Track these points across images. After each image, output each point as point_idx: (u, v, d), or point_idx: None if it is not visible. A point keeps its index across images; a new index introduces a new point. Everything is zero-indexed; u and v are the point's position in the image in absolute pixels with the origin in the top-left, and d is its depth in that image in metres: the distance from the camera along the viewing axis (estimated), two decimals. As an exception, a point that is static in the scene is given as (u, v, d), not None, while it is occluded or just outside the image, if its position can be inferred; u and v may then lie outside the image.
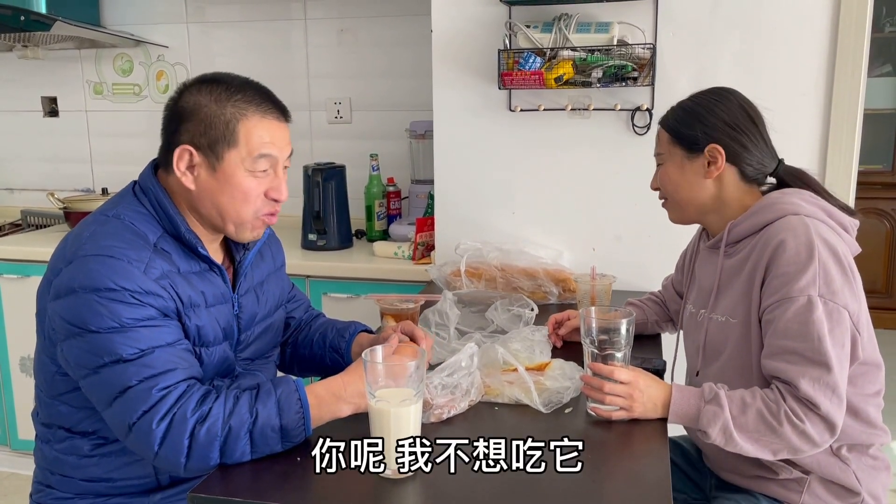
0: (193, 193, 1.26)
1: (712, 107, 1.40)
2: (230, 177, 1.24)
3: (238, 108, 1.24)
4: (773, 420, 1.24)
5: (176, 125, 1.25)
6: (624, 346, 1.32)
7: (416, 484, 1.08)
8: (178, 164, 1.24)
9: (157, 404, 1.11)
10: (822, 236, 1.30)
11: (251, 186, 1.26)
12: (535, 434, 1.17)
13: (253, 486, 1.08)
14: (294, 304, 1.62)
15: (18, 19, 2.63)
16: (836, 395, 1.23)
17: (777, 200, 1.37)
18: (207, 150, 1.23)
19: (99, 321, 1.13)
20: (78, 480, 1.31)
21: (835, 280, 1.27)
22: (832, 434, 1.25)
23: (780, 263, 1.29)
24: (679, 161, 1.43)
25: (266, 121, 1.26)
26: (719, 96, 1.42)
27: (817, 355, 1.24)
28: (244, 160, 1.24)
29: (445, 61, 2.25)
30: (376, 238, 2.68)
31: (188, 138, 1.23)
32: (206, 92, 1.24)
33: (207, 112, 1.23)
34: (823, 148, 2.06)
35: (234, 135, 1.23)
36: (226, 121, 1.23)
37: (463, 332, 1.68)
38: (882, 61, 4.38)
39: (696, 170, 1.41)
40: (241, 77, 1.29)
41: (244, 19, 3.00)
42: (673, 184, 1.45)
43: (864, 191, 2.88)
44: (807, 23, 2.02)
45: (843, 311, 1.27)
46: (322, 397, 1.19)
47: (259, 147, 1.25)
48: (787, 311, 1.27)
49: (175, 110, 1.26)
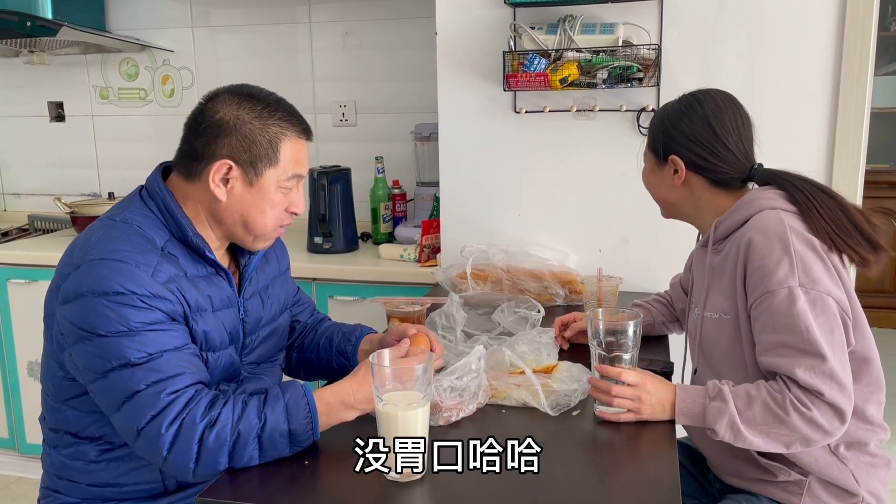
0: (221, 204, 1.27)
1: (676, 120, 1.44)
2: (265, 193, 1.27)
3: (280, 127, 1.27)
4: (780, 410, 1.23)
5: (212, 137, 1.25)
6: (631, 348, 1.32)
7: (424, 487, 1.08)
8: (214, 177, 1.25)
9: (166, 409, 1.11)
10: (795, 228, 1.30)
11: (279, 202, 1.29)
12: (543, 437, 1.17)
13: (261, 489, 1.08)
14: (299, 307, 1.62)
15: (25, 25, 2.64)
16: (836, 381, 1.23)
17: (754, 196, 1.39)
18: (248, 166, 1.25)
19: (107, 325, 1.14)
20: (85, 485, 1.31)
21: (813, 268, 1.27)
22: (841, 421, 1.24)
23: (755, 258, 1.30)
24: (652, 166, 1.51)
25: (301, 141, 1.30)
26: (688, 107, 1.44)
27: (807, 345, 1.24)
28: (279, 178, 1.28)
29: (450, 63, 2.25)
30: (382, 241, 2.68)
31: (228, 153, 1.24)
32: (246, 108, 1.26)
33: (251, 129, 1.25)
34: (830, 147, 2.05)
35: (277, 154, 1.26)
36: (269, 140, 1.26)
37: (469, 335, 1.68)
38: (889, 60, 4.37)
39: (666, 175, 1.47)
40: (272, 93, 1.31)
41: (249, 23, 3.01)
42: (650, 185, 1.54)
43: (871, 190, 2.87)
44: (812, 22, 2.01)
45: (828, 298, 1.26)
46: (331, 405, 1.19)
47: (293, 167, 1.29)
48: (770, 306, 1.27)
49: (212, 122, 1.25)
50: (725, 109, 1.42)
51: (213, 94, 1.29)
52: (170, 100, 3.16)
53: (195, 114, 1.29)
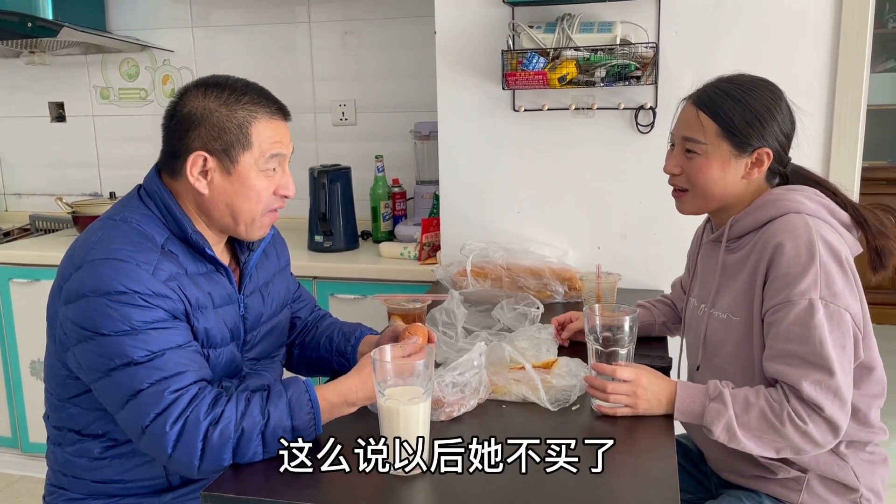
0: (206, 197, 1.27)
1: (771, 107, 1.35)
2: (245, 178, 1.26)
3: (248, 110, 1.26)
4: (776, 420, 1.24)
5: (184, 132, 1.25)
6: (627, 343, 1.32)
7: (426, 482, 1.09)
8: (192, 170, 1.25)
9: (170, 407, 1.12)
10: (824, 237, 1.28)
11: (263, 186, 1.28)
12: (542, 432, 1.18)
13: (265, 484, 1.09)
14: (300, 304, 1.63)
15: (25, 25, 2.65)
16: (838, 398, 1.23)
17: (780, 197, 1.35)
18: (222, 154, 1.25)
19: (110, 324, 1.14)
20: (89, 482, 1.32)
21: (836, 282, 1.26)
22: (835, 436, 1.24)
23: (781, 265, 1.28)
24: (725, 156, 1.36)
25: (274, 121, 1.29)
26: (774, 95, 1.37)
27: (818, 359, 1.23)
28: (257, 161, 1.27)
29: (449, 62, 2.26)
30: (382, 239, 2.69)
31: (201, 144, 1.24)
32: (212, 97, 1.26)
33: (218, 117, 1.24)
34: (827, 144, 2.06)
35: (248, 137, 1.25)
36: (238, 124, 1.25)
37: (470, 331, 1.69)
38: (885, 57, 4.37)
39: (738, 168, 1.37)
40: (240, 79, 1.31)
41: (248, 23, 3.02)
42: (710, 179, 1.38)
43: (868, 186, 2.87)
44: (809, 19, 2.02)
45: (845, 314, 1.26)
46: (334, 403, 1.20)
47: (270, 147, 1.27)
48: (788, 315, 1.26)
49: (181, 117, 1.26)
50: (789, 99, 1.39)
51: (183, 90, 1.30)
52: (170, 100, 3.16)
53: (168, 111, 1.29)
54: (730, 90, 1.37)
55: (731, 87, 1.37)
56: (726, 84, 1.38)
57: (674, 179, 1.45)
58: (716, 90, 1.38)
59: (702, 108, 1.37)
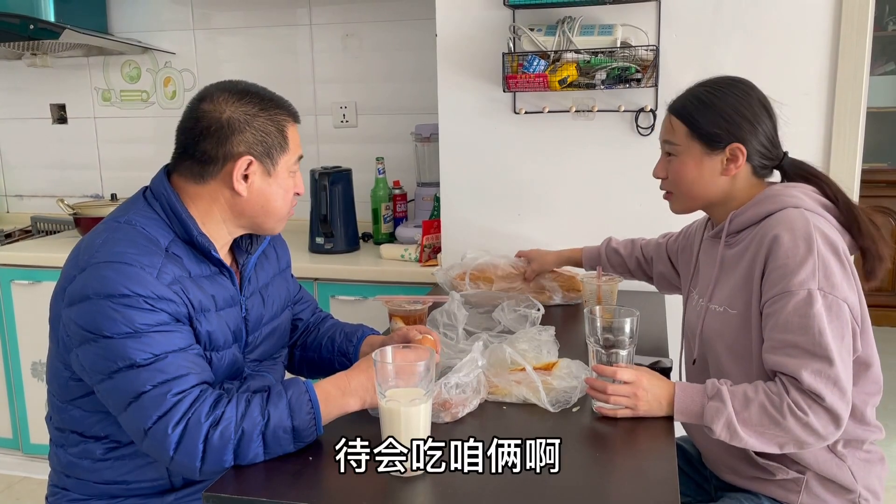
0: (243, 199, 1.30)
1: (736, 104, 1.38)
2: (281, 179, 1.33)
3: (282, 115, 1.33)
4: (777, 413, 1.24)
5: (225, 138, 1.27)
6: (628, 345, 1.33)
7: (427, 483, 1.09)
8: (237, 174, 1.28)
9: (172, 409, 1.13)
10: (821, 229, 1.30)
11: (290, 185, 1.36)
12: (543, 433, 1.18)
13: (267, 485, 1.09)
14: (301, 305, 1.64)
15: (27, 27, 2.66)
16: (838, 387, 1.23)
17: (779, 192, 1.37)
18: (265, 157, 1.30)
19: (113, 327, 1.15)
20: (92, 483, 1.32)
21: (834, 273, 1.27)
22: (837, 426, 1.24)
23: (779, 256, 1.29)
24: (697, 156, 1.40)
25: (296, 126, 1.36)
26: (741, 92, 1.39)
27: (818, 348, 1.24)
28: (289, 163, 1.33)
29: (450, 65, 2.27)
30: (383, 241, 2.70)
31: (246, 149, 1.28)
32: (249, 104, 1.29)
33: (260, 122, 1.29)
34: (827, 147, 2.07)
35: (286, 140, 1.32)
36: (278, 128, 1.31)
37: (470, 333, 1.69)
38: (885, 59, 4.38)
39: (714, 166, 1.40)
40: (261, 86, 1.36)
41: (250, 25, 3.03)
42: (687, 179, 1.42)
43: (868, 189, 2.88)
44: (809, 22, 2.03)
45: (843, 305, 1.27)
46: (329, 392, 1.21)
47: (297, 149, 1.36)
48: (786, 305, 1.27)
49: (221, 123, 1.27)
50: (765, 95, 1.41)
51: (204, 96, 1.30)
52: (171, 101, 3.17)
53: (193, 118, 1.29)
54: (698, 92, 1.42)
55: (700, 89, 1.43)
56: (697, 87, 1.44)
57: (662, 183, 1.51)
58: (687, 94, 1.44)
59: (672, 113, 1.44)
